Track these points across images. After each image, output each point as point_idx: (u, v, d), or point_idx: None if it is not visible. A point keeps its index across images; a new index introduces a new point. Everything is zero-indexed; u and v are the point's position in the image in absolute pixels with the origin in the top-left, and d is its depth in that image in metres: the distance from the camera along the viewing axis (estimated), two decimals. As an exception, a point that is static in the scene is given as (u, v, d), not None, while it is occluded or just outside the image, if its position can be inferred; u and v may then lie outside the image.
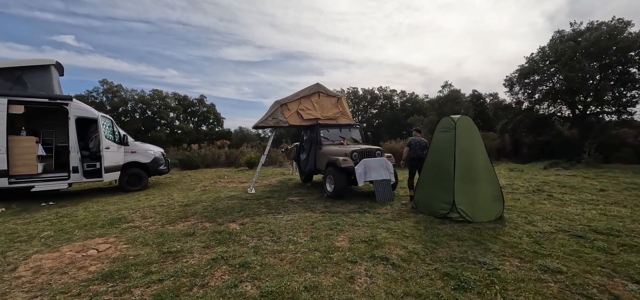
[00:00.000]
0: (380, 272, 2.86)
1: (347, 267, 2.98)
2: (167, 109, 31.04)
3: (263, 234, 4.08)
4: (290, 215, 5.10)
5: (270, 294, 2.50)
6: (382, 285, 2.62)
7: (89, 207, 6.02)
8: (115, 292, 2.61)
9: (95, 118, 6.86)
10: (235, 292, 2.55)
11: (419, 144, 6.00)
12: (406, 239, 3.74)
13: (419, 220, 4.58)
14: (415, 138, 6.16)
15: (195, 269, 3.02)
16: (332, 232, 4.08)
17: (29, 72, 6.55)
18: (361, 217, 4.86)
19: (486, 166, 4.75)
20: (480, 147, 4.80)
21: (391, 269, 2.91)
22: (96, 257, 3.43)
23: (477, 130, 4.87)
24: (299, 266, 3.02)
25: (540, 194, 6.55)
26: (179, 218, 5.07)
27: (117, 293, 2.59)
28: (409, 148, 6.07)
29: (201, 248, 3.61)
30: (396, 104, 29.38)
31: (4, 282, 2.87)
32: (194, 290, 2.64)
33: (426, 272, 2.83)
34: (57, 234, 4.29)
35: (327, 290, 2.54)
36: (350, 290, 2.54)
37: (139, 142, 8.42)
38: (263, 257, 3.29)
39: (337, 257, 3.23)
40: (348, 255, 3.26)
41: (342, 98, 8.13)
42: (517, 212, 4.97)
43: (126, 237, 4.09)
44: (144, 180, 8.02)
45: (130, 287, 2.67)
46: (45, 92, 6.67)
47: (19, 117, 6.76)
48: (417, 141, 6.05)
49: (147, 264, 3.17)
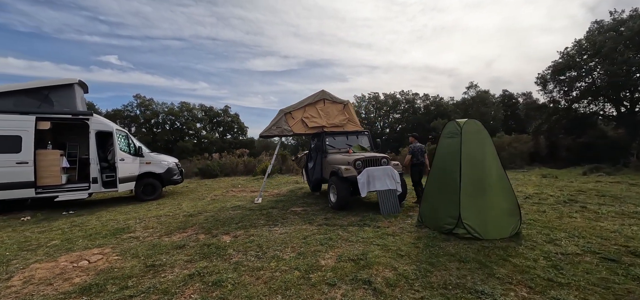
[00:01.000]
0: (357, 298, 2.57)
1: (322, 290, 2.72)
2: (194, 120, 32.63)
3: (250, 248, 3.94)
4: (286, 228, 4.93)
5: (230, 319, 2.32)
6: (354, 314, 2.33)
7: (102, 217, 6.33)
8: (85, 308, 2.60)
9: (111, 131, 7.27)
10: (196, 314, 2.42)
11: (420, 150, 6.41)
12: (400, 259, 3.38)
13: (421, 236, 4.17)
14: (416, 145, 6.53)
15: (169, 286, 2.94)
16: (321, 248, 3.84)
17: (55, 90, 7.13)
18: (359, 231, 4.55)
19: (499, 175, 4.23)
20: (492, 154, 4.30)
21: (371, 296, 2.60)
22: (85, 268, 3.51)
23: (488, 135, 4.37)
24: (273, 287, 2.82)
25: (572, 205, 5.74)
26: (178, 229, 5.12)
27: None
28: (412, 155, 6.36)
29: (184, 262, 3.56)
30: (419, 107, 28.24)
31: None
32: (161, 309, 2.55)
33: (410, 301, 2.49)
34: (63, 244, 4.50)
35: (292, 317, 2.31)
36: (317, 319, 2.28)
37: (154, 153, 8.81)
38: (240, 274, 3.14)
39: (316, 278, 2.98)
40: (328, 276, 3.00)
41: (349, 104, 7.87)
42: (539, 227, 4.36)
43: (121, 248, 4.17)
44: (158, 189, 8.34)
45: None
46: (68, 109, 7.21)
47: (47, 132, 7.37)
48: (418, 147, 6.46)
49: (127, 278, 3.16)
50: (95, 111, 26.58)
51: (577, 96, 14.85)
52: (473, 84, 20.40)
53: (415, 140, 6.72)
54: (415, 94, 28.67)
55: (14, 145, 6.39)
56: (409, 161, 6.43)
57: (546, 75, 15.69)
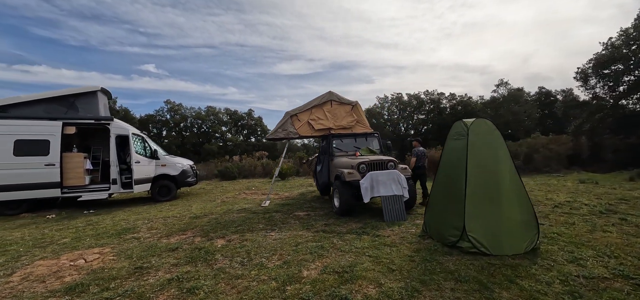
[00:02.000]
0: (328, 316, 2.34)
1: (293, 305, 2.53)
2: (219, 123, 33.94)
3: (238, 254, 3.85)
4: (282, 233, 4.79)
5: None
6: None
7: (116, 216, 6.66)
8: (61, 309, 2.64)
9: (127, 135, 7.66)
10: (158, 324, 2.34)
11: (423, 154, 6.57)
12: (389, 274, 3.08)
13: (421, 248, 3.81)
14: (419, 149, 6.63)
15: (146, 290, 2.92)
16: (309, 257, 3.64)
17: (80, 98, 7.69)
18: (355, 239, 4.28)
19: (513, 182, 3.73)
20: (505, 159, 3.81)
21: (344, 314, 2.36)
22: (80, 267, 3.63)
23: (500, 137, 3.88)
24: (244, 298, 2.68)
25: (609, 216, 4.96)
26: (179, 231, 5.19)
27: None
28: (416, 158, 6.53)
29: (170, 266, 3.55)
30: (445, 107, 26.80)
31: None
32: (130, 315, 2.52)
33: (385, 324, 2.21)
34: (72, 242, 4.76)
35: (252, 335, 2.15)
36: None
37: (169, 155, 9.17)
38: (217, 282, 3.04)
39: (292, 290, 2.79)
40: (305, 290, 2.79)
41: (358, 105, 7.58)
42: (563, 242, 3.78)
43: (119, 249, 4.30)
44: (173, 191, 8.65)
45: (76, 306, 2.69)
46: (92, 115, 7.73)
47: (74, 136, 7.95)
48: (421, 152, 6.59)
49: (112, 279, 3.21)
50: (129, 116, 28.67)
51: (624, 91, 13.08)
52: (503, 81, 18.83)
53: (419, 144, 6.74)
54: (441, 94, 27.29)
55: (43, 148, 6.97)
56: (413, 164, 6.56)
57: (587, 70, 14.03)
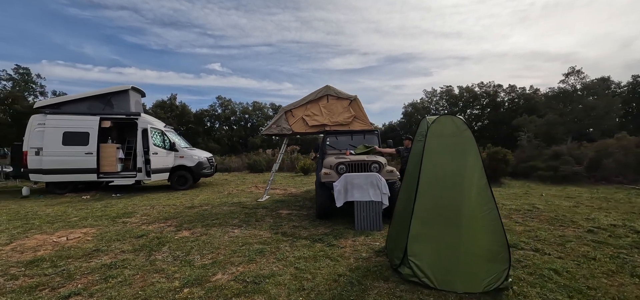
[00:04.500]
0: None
1: (168, 310, 2.45)
2: (264, 117, 35.81)
3: (182, 249, 3.94)
4: (244, 231, 4.77)
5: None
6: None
7: (130, 201, 7.53)
8: (16, 276, 3.05)
9: (146, 128, 8.56)
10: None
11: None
12: (296, 292, 2.76)
13: (363, 267, 3.34)
14: (408, 148, 5.74)
15: (78, 271, 3.20)
16: (238, 261, 3.53)
17: (115, 95, 8.88)
18: (304, 247, 3.99)
19: (481, 200, 2.92)
20: (473, 169, 2.98)
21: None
22: (57, 244, 4.18)
23: (471, 140, 3.05)
24: (139, 293, 2.71)
25: (659, 254, 3.62)
26: (163, 219, 5.60)
27: (14, 277, 3.04)
28: (402, 159, 5.90)
29: (118, 252, 3.83)
30: (502, 101, 23.23)
31: (-12, 254, 3.87)
32: (45, 291, 2.80)
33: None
34: (77, 221, 5.53)
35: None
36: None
37: (188, 148, 9.96)
38: (136, 273, 3.17)
39: (186, 294, 2.73)
40: (198, 294, 2.70)
41: (356, 101, 7.05)
42: (554, 285, 2.87)
43: (102, 231, 4.82)
44: (189, 181, 9.42)
45: (26, 275, 3.09)
46: (124, 110, 8.87)
47: (112, 129, 9.24)
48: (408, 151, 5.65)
49: (66, 258, 3.61)
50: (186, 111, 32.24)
51: None
52: (575, 70, 15.20)
53: (411, 143, 5.61)
54: (498, 86, 23.77)
55: (84, 139, 8.29)
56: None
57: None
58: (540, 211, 5.93)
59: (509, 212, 5.88)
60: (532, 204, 6.63)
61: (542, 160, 11.58)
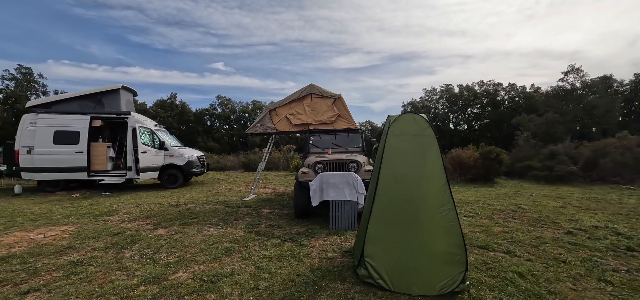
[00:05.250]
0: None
1: (116, 308, 2.46)
2: (265, 116, 35.95)
3: (151, 247, 3.97)
4: (219, 230, 4.78)
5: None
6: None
7: (117, 199, 7.60)
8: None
9: (134, 127, 8.63)
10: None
11: None
12: (250, 292, 2.76)
13: (324, 267, 3.32)
14: None
15: (46, 267, 3.24)
16: (204, 259, 3.54)
17: (106, 95, 8.97)
18: (272, 246, 3.99)
19: (439, 201, 2.87)
20: (433, 169, 2.93)
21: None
22: (33, 241, 4.24)
23: (433, 139, 3.00)
24: (97, 289, 2.73)
25: (632, 258, 3.53)
26: (144, 218, 5.64)
27: None
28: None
29: (90, 249, 3.87)
30: (502, 100, 22.90)
31: (-37, 251, 3.94)
32: (8, 287, 2.85)
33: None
34: (60, 218, 5.60)
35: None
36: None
37: (179, 147, 10.01)
38: (100, 270, 3.21)
39: (141, 291, 2.75)
40: (153, 292, 2.71)
41: (340, 99, 7.02)
42: (514, 290, 2.83)
43: (80, 229, 4.88)
44: (179, 179, 9.48)
45: (-20, 276, 3.14)
46: (114, 109, 8.95)
47: (103, 127, 9.34)
48: None
49: (37, 255, 3.67)
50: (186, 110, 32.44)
51: None
52: (574, 68, 14.87)
53: None
54: (498, 84, 23.45)
55: (75, 138, 8.39)
56: None
57: None
58: (524, 212, 5.84)
59: (491, 213, 5.80)
60: (518, 204, 6.53)
61: (538, 159, 11.40)
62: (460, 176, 11.09)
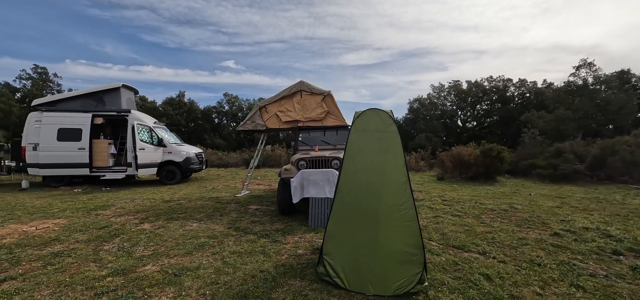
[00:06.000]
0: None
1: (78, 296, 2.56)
2: (272, 114, 36.19)
3: (131, 240, 4.09)
4: (201, 225, 4.88)
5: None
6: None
7: (115, 194, 7.86)
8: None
9: (133, 125, 8.87)
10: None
11: None
12: (209, 285, 2.82)
13: (289, 264, 3.34)
14: None
15: (28, 258, 3.40)
16: (176, 253, 3.63)
17: (107, 93, 9.26)
18: (247, 242, 4.04)
19: (399, 199, 2.82)
20: (395, 166, 2.89)
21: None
22: (24, 233, 4.45)
23: (394, 136, 2.95)
24: (67, 279, 2.85)
25: (616, 263, 3.37)
26: (134, 212, 5.81)
27: None
28: None
29: (73, 241, 4.03)
30: (512, 96, 22.13)
31: (-42, 241, 4.17)
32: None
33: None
34: (56, 212, 5.85)
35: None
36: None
37: (178, 144, 10.22)
38: (76, 261, 3.35)
39: (107, 282, 2.86)
40: (118, 283, 2.81)
41: (329, 96, 6.97)
42: (477, 293, 2.76)
43: (70, 222, 5.08)
44: (177, 176, 9.70)
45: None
46: (115, 108, 9.24)
47: (105, 125, 9.66)
48: None
49: (24, 246, 3.85)
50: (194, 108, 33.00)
51: None
52: (586, 62, 14.11)
53: None
54: (508, 80, 22.70)
55: (77, 135, 8.72)
56: None
57: None
58: (515, 211, 5.66)
59: (481, 212, 5.65)
60: (511, 203, 6.34)
61: (543, 158, 11.00)
62: (460, 174, 10.85)
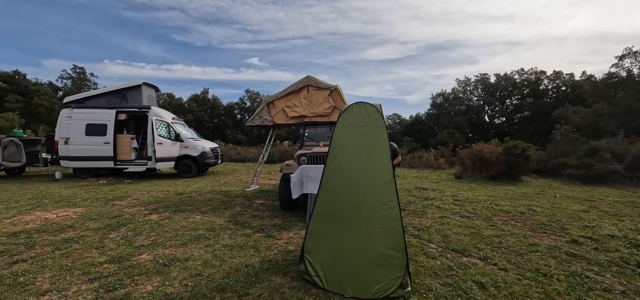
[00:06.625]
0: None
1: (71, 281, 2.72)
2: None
3: (138, 230, 4.30)
4: (203, 217, 5.03)
5: None
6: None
7: (134, 186, 8.32)
8: (-20, 247, 3.66)
9: (152, 120, 9.32)
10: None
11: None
12: (195, 277, 2.88)
13: (275, 260, 3.33)
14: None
15: (41, 241, 3.69)
16: (173, 243, 3.76)
17: (129, 90, 9.81)
18: (242, 236, 4.09)
19: (381, 198, 2.67)
20: (380, 163, 2.73)
21: None
22: (45, 219, 4.84)
23: (381, 131, 2.78)
24: (68, 264, 3.05)
25: (628, 272, 2.98)
26: (146, 204, 6.11)
27: None
28: None
29: (84, 229, 4.31)
30: (545, 90, 20.39)
31: (-9, 225, 4.63)
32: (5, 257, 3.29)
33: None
34: (79, 201, 6.31)
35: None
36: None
37: (194, 139, 10.59)
38: (81, 247, 3.57)
39: (104, 268, 3.05)
40: (111, 270, 2.96)
41: (337, 91, 6.84)
42: (486, 297, 2.57)
43: (87, 211, 5.44)
44: (193, 169, 10.08)
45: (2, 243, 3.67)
46: (137, 104, 9.77)
47: (129, 120, 10.25)
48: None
49: (42, 232, 4.19)
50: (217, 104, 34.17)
51: None
52: (631, 51, 12.44)
53: None
54: (541, 73, 20.95)
55: (103, 130, 9.34)
56: None
57: None
58: (533, 214, 5.23)
59: (493, 214, 5.28)
60: (531, 205, 5.86)
61: (575, 156, 10.07)
62: (481, 173, 10.23)
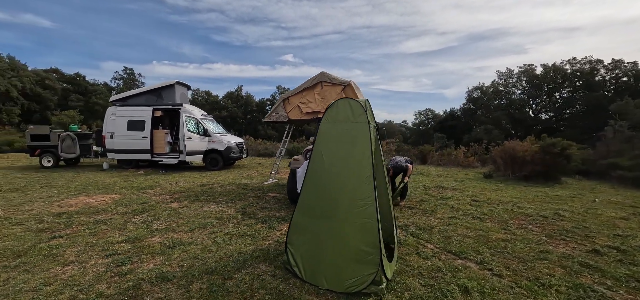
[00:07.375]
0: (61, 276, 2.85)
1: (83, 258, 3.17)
2: (320, 106, 36.83)
3: (155, 217, 4.78)
4: (216, 207, 5.41)
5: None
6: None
7: (166, 177, 9.13)
8: (41, 221, 4.35)
9: (182, 117, 10.11)
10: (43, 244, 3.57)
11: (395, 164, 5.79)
12: (191, 259, 3.17)
13: (267, 249, 3.52)
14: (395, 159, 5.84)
15: (77, 221, 4.31)
16: (183, 228, 4.16)
17: (164, 89, 10.74)
18: (246, 226, 4.35)
19: (359, 194, 2.66)
20: (361, 159, 2.71)
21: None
22: (85, 203, 5.59)
23: (363, 127, 2.76)
24: (93, 241, 3.54)
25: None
26: (170, 193, 6.71)
27: (40, 221, 4.33)
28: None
29: (114, 213, 4.91)
30: (602, 81, 17.87)
31: (39, 206, 5.46)
32: (46, 233, 3.92)
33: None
34: (117, 189, 7.13)
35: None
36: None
37: (221, 134, 11.25)
38: (108, 227, 4.11)
39: (119, 247, 3.49)
40: (124, 249, 3.39)
41: (350, 86, 6.80)
42: (442, 293, 2.50)
43: (121, 198, 6.14)
44: (220, 162, 10.76)
45: (47, 222, 4.35)
46: (170, 102, 10.67)
47: (164, 117, 11.25)
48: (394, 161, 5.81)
49: (80, 214, 4.86)
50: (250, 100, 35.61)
51: None
52: None
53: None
54: (597, 61, 18.44)
55: (141, 126, 10.38)
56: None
57: None
58: (558, 219, 4.77)
59: (511, 217, 4.92)
60: (558, 210, 5.33)
61: (629, 156, 8.83)
62: (513, 173, 9.46)
